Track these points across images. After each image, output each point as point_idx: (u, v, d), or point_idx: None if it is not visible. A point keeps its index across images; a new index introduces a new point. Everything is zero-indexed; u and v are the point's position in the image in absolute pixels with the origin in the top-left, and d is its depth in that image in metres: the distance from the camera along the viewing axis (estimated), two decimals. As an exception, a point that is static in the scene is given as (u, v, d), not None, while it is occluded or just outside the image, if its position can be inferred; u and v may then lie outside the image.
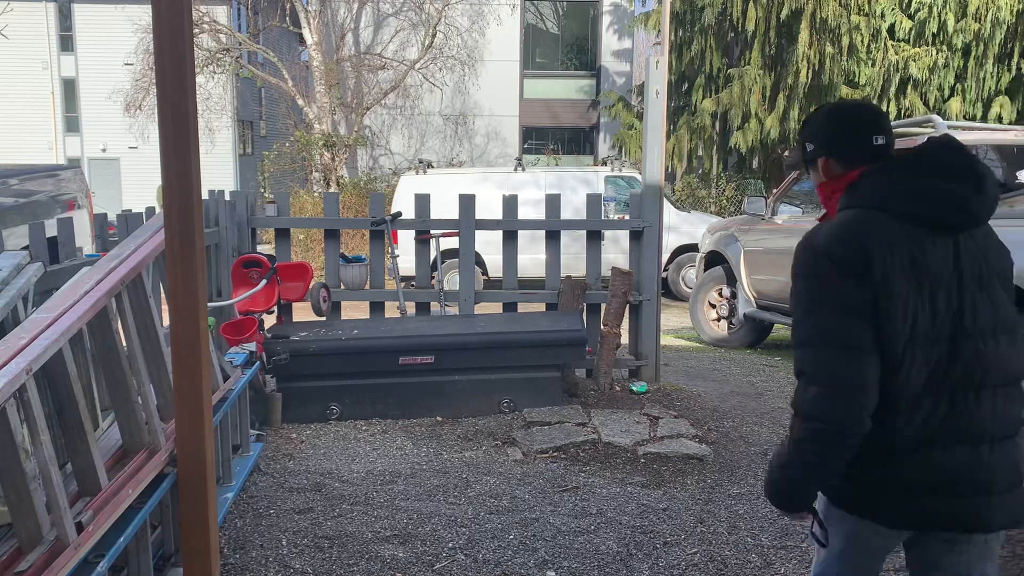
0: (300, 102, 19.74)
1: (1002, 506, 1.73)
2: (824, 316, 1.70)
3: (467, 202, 5.69)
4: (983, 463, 1.70)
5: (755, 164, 17.08)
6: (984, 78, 13.78)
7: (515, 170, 12.05)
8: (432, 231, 6.08)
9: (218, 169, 24.43)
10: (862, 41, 14.35)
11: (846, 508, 1.81)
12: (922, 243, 1.71)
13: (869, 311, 1.67)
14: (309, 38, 19.15)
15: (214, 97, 20.79)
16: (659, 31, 13.97)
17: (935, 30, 14.04)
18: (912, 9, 14.44)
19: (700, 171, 18.07)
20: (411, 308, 6.12)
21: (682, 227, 11.90)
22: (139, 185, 24.00)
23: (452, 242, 6.06)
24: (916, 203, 1.74)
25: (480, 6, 20.95)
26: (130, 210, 5.33)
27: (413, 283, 6.43)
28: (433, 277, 6.17)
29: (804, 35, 13.98)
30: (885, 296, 1.67)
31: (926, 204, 1.74)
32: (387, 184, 17.74)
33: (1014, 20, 13.35)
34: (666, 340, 7.24)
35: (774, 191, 7.81)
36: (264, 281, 4.88)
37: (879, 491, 1.74)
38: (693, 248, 11.32)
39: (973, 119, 13.83)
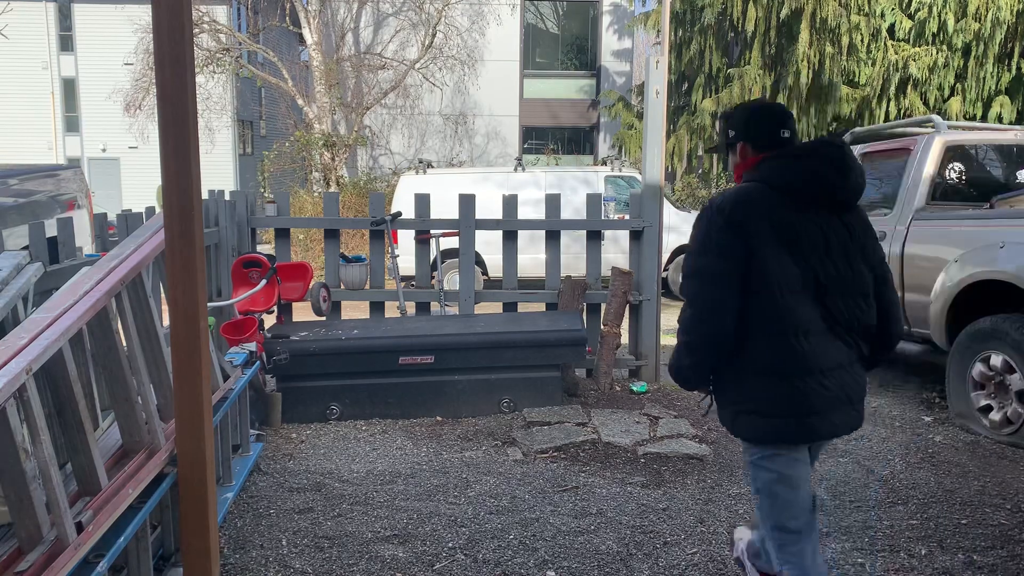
0: (300, 102, 19.73)
1: (860, 412, 2.32)
2: (707, 257, 2.22)
3: (467, 202, 5.69)
4: (850, 382, 2.27)
5: (755, 164, 17.06)
6: (984, 78, 13.78)
7: (515, 170, 12.04)
8: (432, 231, 6.08)
9: (218, 169, 24.43)
10: (862, 41, 14.35)
11: (763, 443, 2.30)
12: (797, 215, 2.23)
13: (741, 259, 2.18)
14: (309, 38, 19.15)
15: (214, 97, 20.78)
16: (659, 31, 13.97)
17: (935, 30, 14.04)
18: (912, 9, 14.45)
19: (700, 171, 18.07)
20: (411, 308, 6.12)
21: (682, 227, 11.85)
22: (139, 185, 24.00)
23: (452, 242, 6.06)
24: (794, 182, 2.26)
25: (480, 6, 20.95)
26: (130, 210, 5.33)
27: (413, 283, 6.43)
28: (433, 277, 6.17)
29: (804, 35, 13.98)
30: (759, 249, 2.18)
31: (800, 183, 2.25)
32: (387, 184, 17.73)
33: (1014, 20, 13.35)
34: (666, 340, 7.23)
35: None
36: (264, 281, 4.88)
37: (787, 418, 2.22)
38: (693, 248, 11.29)
39: (973, 119, 13.82)
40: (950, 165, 5.58)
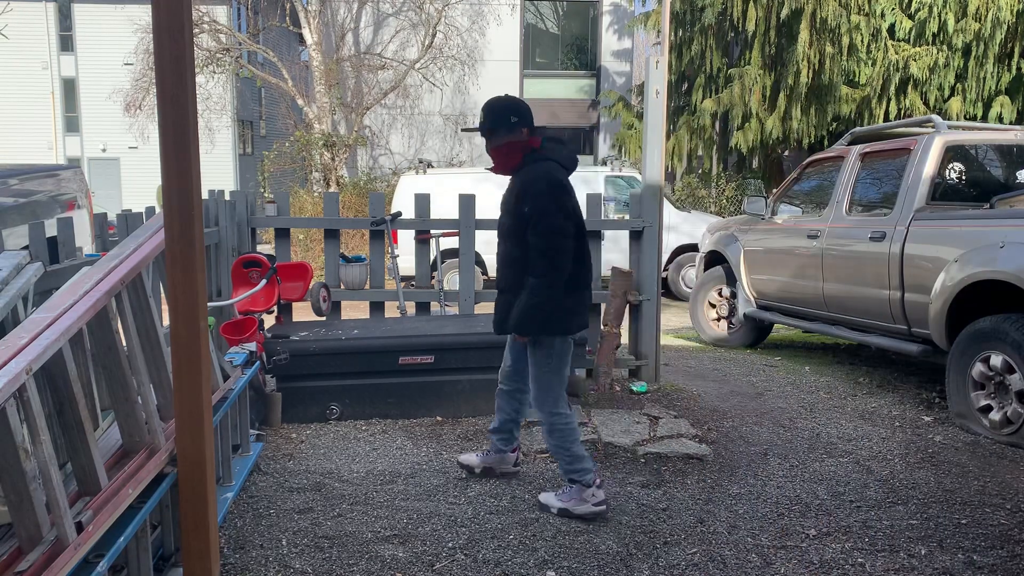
0: (300, 102, 19.74)
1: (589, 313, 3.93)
2: (554, 218, 3.32)
3: (467, 202, 5.69)
4: (589, 295, 3.57)
5: (755, 164, 17.08)
6: (984, 78, 13.76)
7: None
8: (432, 231, 6.08)
9: (218, 169, 24.45)
10: (862, 41, 14.33)
11: (562, 334, 3.45)
12: (568, 180, 3.47)
13: (572, 215, 3.38)
14: (309, 38, 19.15)
15: (214, 97, 20.80)
16: (659, 31, 13.96)
17: (935, 30, 14.02)
18: (912, 9, 14.43)
19: (700, 171, 18.07)
20: (411, 308, 6.12)
21: (682, 227, 11.89)
22: (139, 185, 24.03)
23: (452, 242, 6.06)
24: (568, 160, 3.53)
25: (480, 6, 20.96)
26: (130, 210, 5.33)
27: (413, 283, 6.43)
28: (433, 277, 6.17)
29: (804, 35, 13.97)
30: (572, 207, 3.40)
31: (571, 161, 3.54)
32: (387, 184, 17.74)
33: (1014, 20, 13.33)
34: (666, 340, 7.24)
35: (774, 191, 7.80)
36: (264, 281, 4.88)
37: (573, 319, 3.44)
38: (693, 248, 11.32)
39: (973, 119, 13.81)
40: (950, 165, 5.58)
